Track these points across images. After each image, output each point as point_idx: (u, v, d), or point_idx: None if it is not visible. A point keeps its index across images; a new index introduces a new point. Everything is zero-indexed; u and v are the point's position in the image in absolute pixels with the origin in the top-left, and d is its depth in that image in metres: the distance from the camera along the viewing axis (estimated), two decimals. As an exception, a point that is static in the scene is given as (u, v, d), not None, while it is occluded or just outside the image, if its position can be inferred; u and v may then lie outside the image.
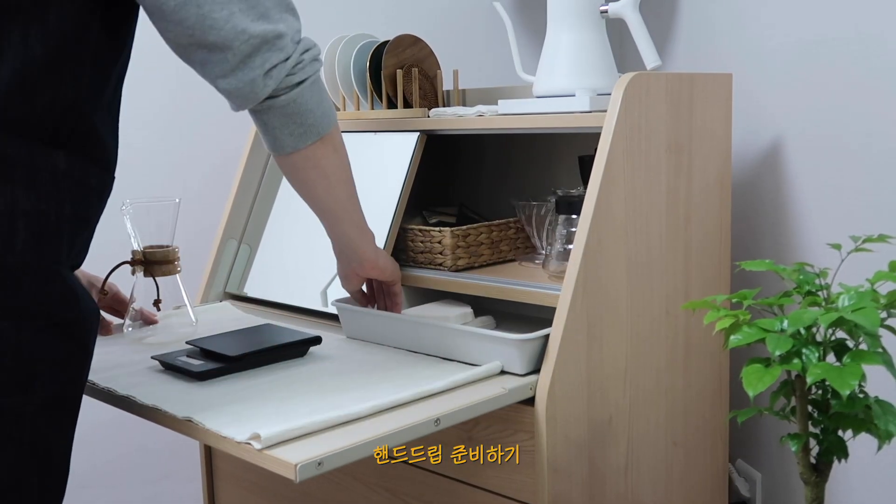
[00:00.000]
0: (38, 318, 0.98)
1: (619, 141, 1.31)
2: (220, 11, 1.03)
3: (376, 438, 1.04)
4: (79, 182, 1.02)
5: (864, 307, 0.91)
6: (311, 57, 1.12)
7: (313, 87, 1.13)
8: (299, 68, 1.10)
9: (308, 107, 1.13)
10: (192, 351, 1.34)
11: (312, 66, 1.12)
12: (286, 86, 1.10)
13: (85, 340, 1.04)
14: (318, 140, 1.16)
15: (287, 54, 1.08)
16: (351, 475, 1.50)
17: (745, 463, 1.80)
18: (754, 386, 0.91)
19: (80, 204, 1.03)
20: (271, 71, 1.07)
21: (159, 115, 1.89)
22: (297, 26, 1.11)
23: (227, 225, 1.79)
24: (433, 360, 1.34)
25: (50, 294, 1.00)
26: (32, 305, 0.98)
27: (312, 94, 1.13)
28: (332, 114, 1.18)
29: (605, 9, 1.48)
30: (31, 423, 0.99)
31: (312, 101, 1.13)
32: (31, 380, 0.98)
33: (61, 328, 1.01)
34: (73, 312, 1.02)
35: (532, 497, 1.25)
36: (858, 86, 1.46)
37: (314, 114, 1.14)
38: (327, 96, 1.17)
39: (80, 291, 1.04)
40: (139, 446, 1.95)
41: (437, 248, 1.56)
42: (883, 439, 0.93)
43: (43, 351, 0.99)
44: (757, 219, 1.71)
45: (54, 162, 0.99)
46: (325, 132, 1.17)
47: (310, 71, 1.12)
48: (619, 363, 1.34)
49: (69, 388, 1.03)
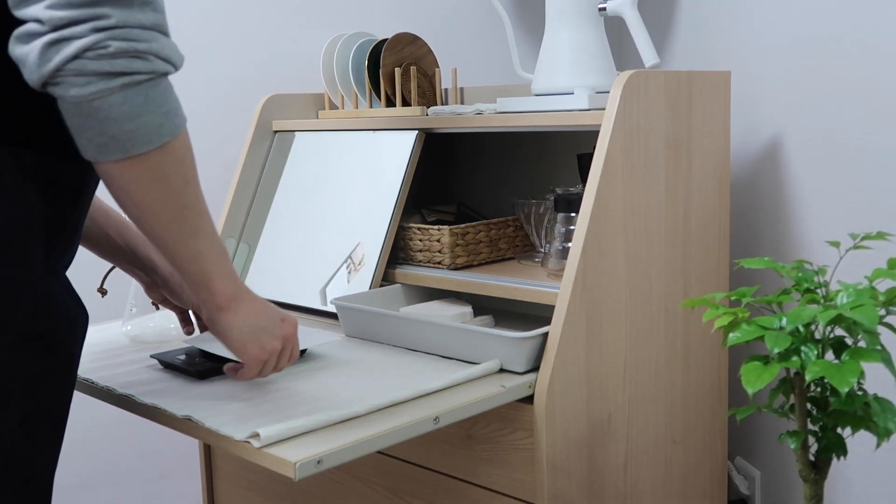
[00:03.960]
0: (7, 333, 0.92)
1: (618, 139, 1.31)
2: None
3: (375, 437, 1.04)
4: (51, 181, 0.95)
5: (862, 304, 0.91)
6: (126, 49, 0.86)
7: (124, 93, 0.87)
8: (98, 55, 0.84)
9: (110, 115, 0.87)
10: (191, 350, 1.34)
11: (128, 61, 0.86)
12: (76, 71, 0.84)
13: (66, 350, 0.99)
14: (125, 158, 0.90)
15: (81, 33, 0.83)
16: (350, 473, 1.50)
17: (744, 460, 1.80)
18: (753, 383, 0.91)
19: (54, 205, 0.96)
20: (54, 47, 0.84)
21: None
22: (136, 17, 0.86)
23: (225, 224, 1.79)
24: (432, 359, 1.34)
25: (19, 308, 0.93)
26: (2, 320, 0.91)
27: (124, 101, 0.87)
28: (149, 133, 0.90)
29: (604, 7, 1.48)
30: (6, 443, 0.93)
31: (119, 110, 0.87)
32: (6, 399, 0.92)
33: (36, 342, 0.94)
34: (48, 323, 0.96)
35: (531, 495, 1.25)
36: (857, 83, 1.46)
37: (120, 126, 0.88)
38: (152, 112, 0.90)
39: (59, 299, 0.98)
40: (138, 445, 1.95)
41: (436, 246, 1.56)
42: (881, 436, 0.93)
43: (15, 368, 0.93)
44: (755, 216, 1.72)
45: (21, 162, 0.92)
46: (135, 152, 0.90)
47: (119, 66, 0.85)
48: (618, 361, 1.34)
49: (50, 400, 0.98)
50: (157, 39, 0.88)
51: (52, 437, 1.00)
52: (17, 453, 0.95)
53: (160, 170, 0.93)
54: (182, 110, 0.94)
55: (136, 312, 1.48)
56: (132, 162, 0.90)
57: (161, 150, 0.91)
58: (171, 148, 0.93)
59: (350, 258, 1.61)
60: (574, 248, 1.27)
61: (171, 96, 0.92)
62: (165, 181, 0.94)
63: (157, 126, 0.90)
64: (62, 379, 0.99)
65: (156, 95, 0.90)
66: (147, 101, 0.89)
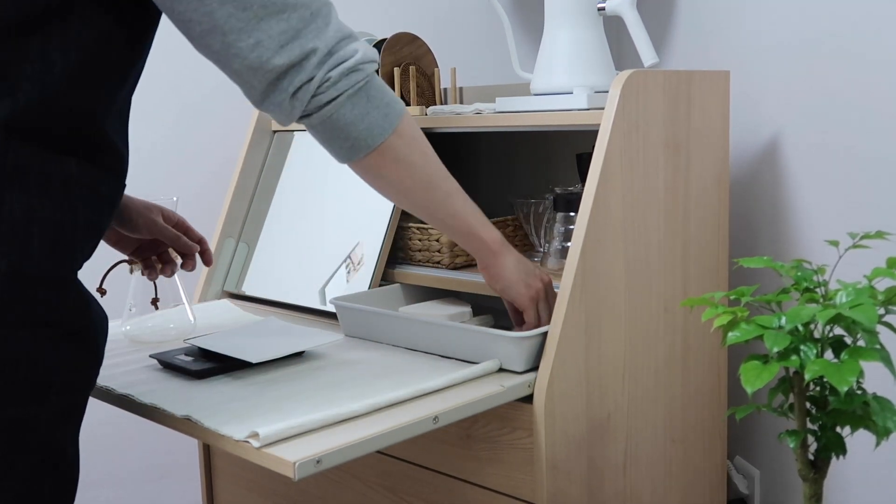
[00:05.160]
0: (53, 327, 0.97)
1: (617, 138, 1.31)
2: (246, 40, 0.99)
3: (374, 436, 1.04)
4: (91, 190, 1.00)
5: (861, 304, 0.91)
6: (344, 71, 1.04)
7: (351, 101, 1.06)
8: (327, 86, 1.04)
9: (347, 122, 1.07)
10: (191, 349, 1.34)
11: (348, 79, 1.05)
12: (316, 105, 1.05)
13: (96, 347, 1.04)
14: (371, 152, 1.11)
15: (310, 75, 1.03)
16: (349, 473, 1.50)
17: (744, 460, 1.80)
18: (752, 383, 0.91)
19: (93, 212, 1.01)
20: (297, 94, 1.03)
21: (157, 113, 1.89)
22: (331, 40, 1.04)
23: (225, 223, 1.78)
24: (431, 358, 1.34)
25: (65, 302, 0.99)
26: (48, 314, 0.97)
27: (352, 108, 1.07)
28: (380, 125, 1.10)
29: (603, 6, 1.48)
30: (45, 433, 0.98)
31: (352, 115, 1.07)
32: (47, 390, 0.97)
33: (75, 336, 1.00)
34: (85, 320, 1.01)
35: (531, 494, 1.25)
36: (856, 82, 1.46)
37: (356, 128, 1.08)
38: (376, 108, 1.09)
39: (90, 298, 1.04)
40: (138, 445, 1.95)
41: (435, 245, 1.56)
42: (881, 435, 0.93)
43: (59, 360, 0.98)
44: (755, 216, 1.72)
45: (67, 169, 0.97)
46: (375, 145, 1.10)
47: (343, 86, 1.05)
48: (617, 360, 1.34)
49: (82, 395, 1.03)
50: (355, 49, 1.06)
51: (78, 430, 1.04)
52: (52, 443, 0.99)
53: (398, 152, 1.13)
54: (395, 95, 1.12)
55: (135, 312, 1.48)
56: (376, 153, 1.11)
57: (394, 135, 1.11)
58: (400, 131, 1.12)
59: (349, 258, 1.61)
60: (573, 247, 1.27)
61: (384, 88, 1.10)
62: (406, 160, 1.14)
63: (384, 117, 1.10)
64: (93, 375, 1.05)
65: (374, 93, 1.09)
66: (369, 99, 1.08)
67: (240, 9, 0.98)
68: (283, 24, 1.00)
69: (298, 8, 1.01)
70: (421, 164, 1.17)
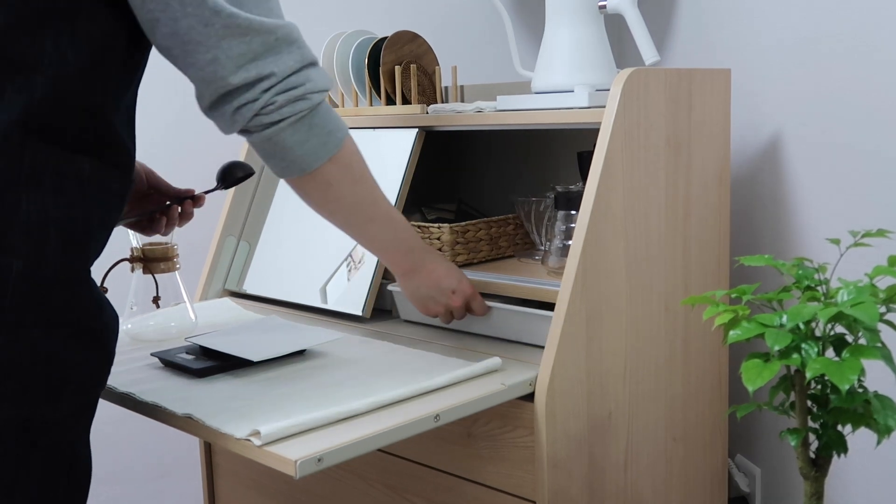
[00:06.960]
0: (68, 326, 0.98)
1: (618, 136, 1.31)
2: (204, 54, 1.01)
3: (376, 435, 1.04)
4: (103, 188, 1.01)
5: (862, 302, 0.91)
6: (290, 98, 1.06)
7: (293, 127, 1.08)
8: (270, 110, 1.06)
9: (286, 145, 1.10)
10: (192, 348, 1.34)
11: (292, 106, 1.07)
12: (257, 125, 1.07)
13: (109, 346, 1.04)
14: (303, 175, 1.14)
15: (255, 97, 1.04)
16: (351, 471, 1.50)
17: (745, 458, 1.80)
18: (753, 381, 0.91)
19: (105, 210, 1.02)
20: (240, 110, 1.05)
21: (157, 111, 1.89)
22: (288, 68, 1.06)
23: (225, 222, 1.79)
24: (433, 356, 1.34)
25: (80, 302, 0.99)
26: (63, 313, 0.97)
27: (293, 134, 1.09)
28: (316, 153, 1.12)
29: (604, 4, 1.48)
30: (58, 433, 0.98)
31: (291, 140, 1.09)
32: (62, 390, 0.98)
33: (89, 336, 1.00)
34: (99, 319, 1.02)
35: (532, 493, 1.25)
36: (857, 80, 1.46)
37: (294, 152, 1.11)
38: (316, 136, 1.11)
39: (103, 298, 1.04)
40: (139, 444, 1.95)
41: (436, 244, 1.56)
42: (882, 434, 0.93)
43: (73, 360, 0.98)
44: (756, 214, 1.72)
45: (80, 168, 0.98)
46: (309, 170, 1.13)
47: (287, 112, 1.07)
48: (618, 359, 1.34)
49: (94, 394, 1.04)
50: (308, 78, 1.08)
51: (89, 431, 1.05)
52: (66, 442, 1.00)
53: (330, 178, 1.16)
54: (342, 122, 1.15)
55: (136, 311, 1.48)
56: (309, 177, 1.14)
57: (329, 162, 1.14)
58: (337, 159, 1.15)
59: (350, 256, 1.61)
60: (574, 245, 1.27)
61: (330, 117, 1.13)
62: (336, 186, 1.18)
63: (322, 145, 1.12)
64: (105, 374, 1.05)
65: (317, 121, 1.11)
66: (311, 128, 1.10)
67: (202, 23, 1.00)
68: (243, 46, 1.02)
69: (262, 33, 1.03)
70: (349, 192, 1.20)
